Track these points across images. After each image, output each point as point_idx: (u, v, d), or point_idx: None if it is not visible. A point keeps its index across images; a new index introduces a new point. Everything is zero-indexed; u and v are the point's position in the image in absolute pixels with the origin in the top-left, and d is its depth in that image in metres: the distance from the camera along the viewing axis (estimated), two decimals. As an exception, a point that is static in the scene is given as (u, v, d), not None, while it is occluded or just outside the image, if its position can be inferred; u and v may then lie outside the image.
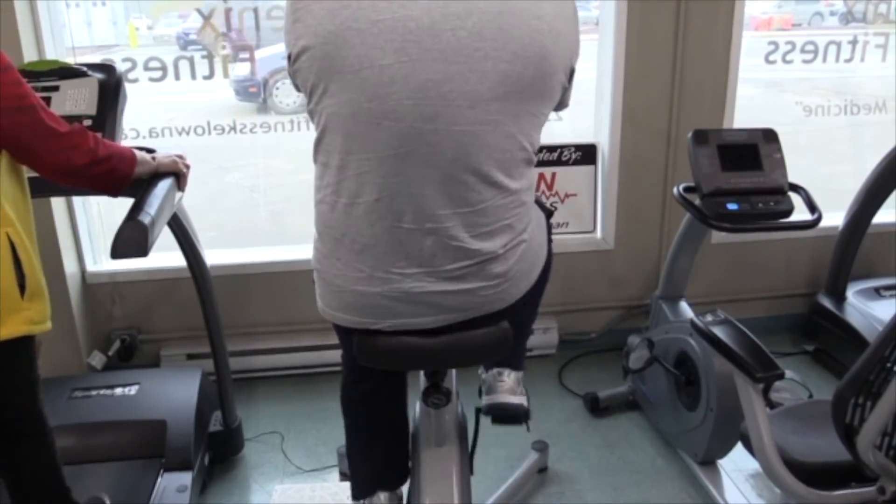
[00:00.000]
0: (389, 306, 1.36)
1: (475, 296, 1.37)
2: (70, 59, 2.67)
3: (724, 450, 2.31)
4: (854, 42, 3.24)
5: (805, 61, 3.22)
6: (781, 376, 1.64)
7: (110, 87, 1.98)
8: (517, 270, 1.40)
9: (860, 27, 3.29)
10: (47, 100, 1.90)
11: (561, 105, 1.44)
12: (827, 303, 3.09)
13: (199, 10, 2.84)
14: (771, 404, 2.16)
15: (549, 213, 1.63)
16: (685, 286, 2.63)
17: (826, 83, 3.37)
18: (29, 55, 2.51)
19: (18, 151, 1.49)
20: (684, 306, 2.60)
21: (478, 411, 1.78)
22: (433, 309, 1.37)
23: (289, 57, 1.32)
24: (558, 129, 3.03)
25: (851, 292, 3.08)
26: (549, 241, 1.62)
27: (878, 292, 3.08)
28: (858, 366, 1.45)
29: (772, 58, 3.21)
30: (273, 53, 2.95)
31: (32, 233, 1.60)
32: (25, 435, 1.66)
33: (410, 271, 1.33)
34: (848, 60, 3.25)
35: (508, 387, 1.75)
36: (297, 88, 1.35)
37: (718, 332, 1.68)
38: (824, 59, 3.22)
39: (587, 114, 3.08)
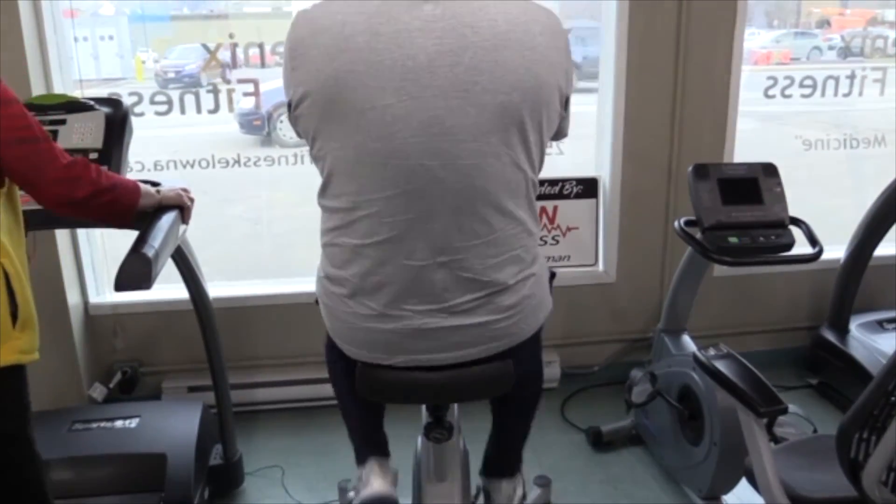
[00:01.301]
0: (401, 343, 1.37)
1: (486, 329, 1.37)
2: (77, 92, 2.72)
3: (729, 485, 2.29)
4: (852, 76, 3.28)
5: (804, 95, 3.25)
6: (785, 411, 1.63)
7: (117, 121, 2.01)
8: (526, 304, 1.40)
9: (858, 61, 3.33)
10: (54, 133, 1.92)
11: (559, 134, 1.46)
12: (830, 336, 3.08)
13: (204, 45, 2.88)
14: (775, 439, 2.14)
15: (552, 275, 1.63)
16: (687, 319, 2.62)
17: (825, 116, 3.40)
18: (37, 88, 2.54)
19: (21, 183, 1.51)
20: (687, 340, 2.59)
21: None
22: (445, 345, 1.37)
23: (289, 104, 1.33)
24: (560, 163, 3.05)
25: (854, 325, 3.07)
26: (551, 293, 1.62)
27: (881, 325, 3.07)
28: (862, 400, 1.44)
29: (771, 92, 3.24)
30: (277, 87, 2.98)
31: (25, 263, 1.60)
32: (14, 465, 1.64)
33: (422, 308, 1.34)
34: (846, 95, 3.28)
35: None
36: (299, 135, 1.36)
37: (721, 366, 1.67)
38: (823, 94, 3.25)
39: (588, 147, 3.11)
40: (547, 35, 1.31)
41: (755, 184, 2.24)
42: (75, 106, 2.02)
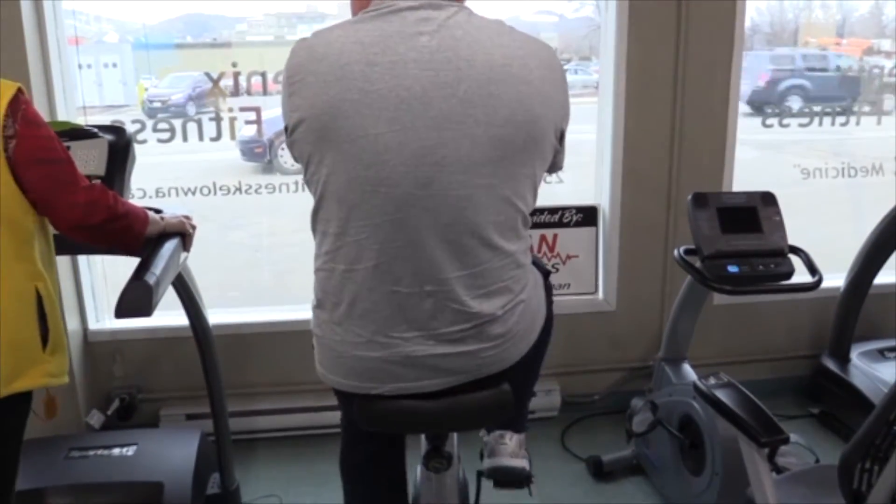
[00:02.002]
0: (390, 370, 1.36)
1: (475, 357, 1.37)
2: (81, 119, 2.74)
3: (731, 516, 2.27)
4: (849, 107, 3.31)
5: (801, 125, 3.28)
6: (786, 441, 1.62)
7: (120, 149, 2.02)
8: (516, 331, 1.40)
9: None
10: (58, 160, 1.93)
11: (554, 167, 1.47)
12: (831, 364, 3.07)
13: (207, 74, 2.91)
14: (777, 469, 2.12)
15: (546, 273, 1.63)
16: (688, 348, 2.62)
17: (823, 145, 3.43)
18: (40, 113, 2.56)
19: (41, 203, 1.53)
20: (687, 368, 2.58)
21: (479, 474, 1.75)
22: (434, 372, 1.37)
23: (286, 129, 1.35)
24: (559, 191, 3.07)
25: (855, 354, 3.07)
26: (549, 301, 1.63)
27: (882, 354, 3.07)
28: (864, 429, 1.43)
29: (768, 122, 3.27)
30: (279, 115, 3.01)
31: (58, 287, 1.64)
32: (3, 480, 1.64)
33: (410, 335, 1.34)
34: (844, 124, 3.31)
35: (510, 450, 1.73)
36: (295, 159, 1.38)
37: (722, 395, 1.67)
38: (820, 123, 3.28)
39: (587, 176, 3.12)
40: (543, 69, 1.33)
41: (754, 212, 2.25)
42: (79, 133, 2.03)
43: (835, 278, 2.97)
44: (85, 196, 1.54)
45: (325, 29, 1.33)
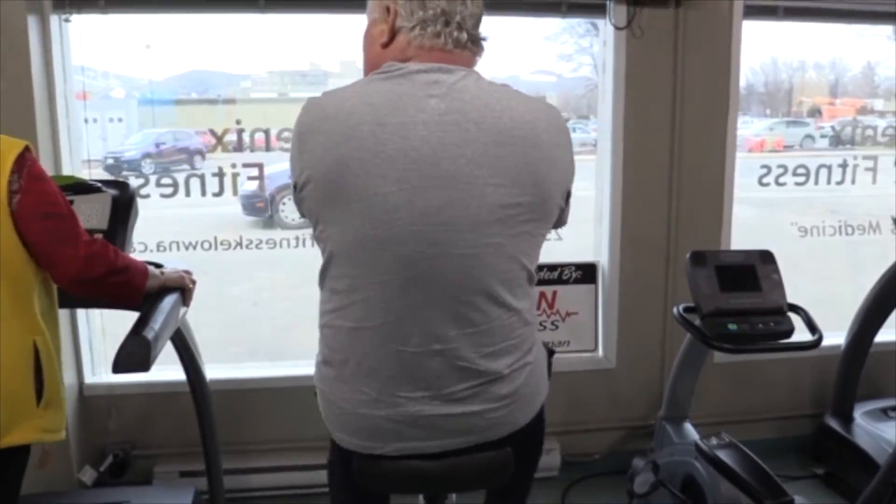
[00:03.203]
0: (395, 430, 1.35)
1: (481, 418, 1.36)
2: (85, 172, 2.77)
3: (735, 580, 2.21)
4: (844, 165, 3.35)
5: (798, 184, 3.32)
6: (791, 502, 1.60)
7: (123, 203, 2.04)
8: (523, 393, 1.39)
9: (849, 150, 3.41)
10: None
11: (559, 223, 1.48)
12: (834, 424, 3.03)
13: (211, 131, 2.95)
14: (782, 532, 2.08)
15: (550, 353, 1.63)
16: (689, 406, 2.59)
17: (820, 203, 3.46)
18: (46, 166, 2.55)
19: (43, 257, 1.54)
20: (689, 428, 2.55)
21: None
22: (440, 433, 1.35)
23: (294, 186, 1.36)
24: (558, 248, 3.08)
25: (859, 413, 3.04)
26: (549, 377, 1.61)
27: (885, 413, 3.03)
28: (869, 491, 1.42)
29: (765, 180, 3.31)
30: (281, 170, 3.05)
31: (59, 345, 1.64)
32: None
33: (416, 395, 1.33)
34: (839, 183, 3.35)
35: None
36: (303, 215, 1.39)
37: (724, 455, 1.66)
38: (816, 182, 3.32)
39: (587, 233, 3.15)
40: (551, 133, 1.35)
41: (753, 271, 2.26)
42: (83, 188, 2.05)
43: (835, 336, 2.96)
44: (86, 250, 1.55)
45: (335, 89, 1.36)
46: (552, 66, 3.44)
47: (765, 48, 3.53)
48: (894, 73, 3.52)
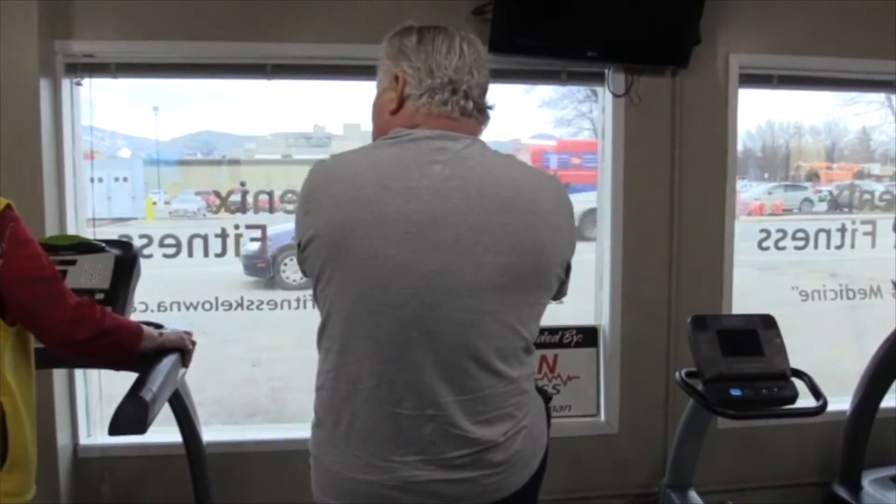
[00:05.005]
0: (388, 495, 1.32)
1: (476, 485, 1.34)
2: (89, 231, 2.80)
3: None
4: (843, 229, 3.37)
5: (797, 248, 3.33)
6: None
7: (126, 263, 2.05)
8: (518, 458, 1.38)
9: (847, 214, 3.43)
10: (64, 273, 1.96)
11: (559, 295, 1.48)
12: (842, 492, 2.97)
13: (216, 192, 2.99)
14: None
15: (547, 398, 1.61)
16: (693, 474, 2.55)
17: (820, 266, 3.46)
18: (51, 226, 2.62)
19: (26, 320, 1.52)
20: (694, 496, 2.51)
21: None
22: (433, 498, 1.33)
23: (298, 244, 1.37)
24: (559, 311, 3.07)
25: (867, 481, 2.97)
26: (548, 426, 1.60)
27: (894, 481, 2.97)
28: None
29: (765, 244, 3.32)
30: (283, 231, 3.07)
31: (31, 402, 1.58)
32: None
33: (410, 459, 1.31)
34: (839, 247, 3.36)
35: None
36: (305, 273, 1.40)
37: (731, 526, 1.61)
38: (815, 246, 3.33)
39: (588, 296, 3.14)
40: (552, 203, 1.37)
41: (755, 335, 2.25)
42: (86, 247, 2.07)
43: (840, 402, 2.93)
44: (72, 313, 1.52)
45: (343, 153, 1.38)
46: (552, 130, 3.50)
47: (761, 113, 3.60)
48: (889, 138, 3.58)
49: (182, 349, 1.87)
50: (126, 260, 2.06)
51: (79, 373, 2.78)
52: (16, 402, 1.50)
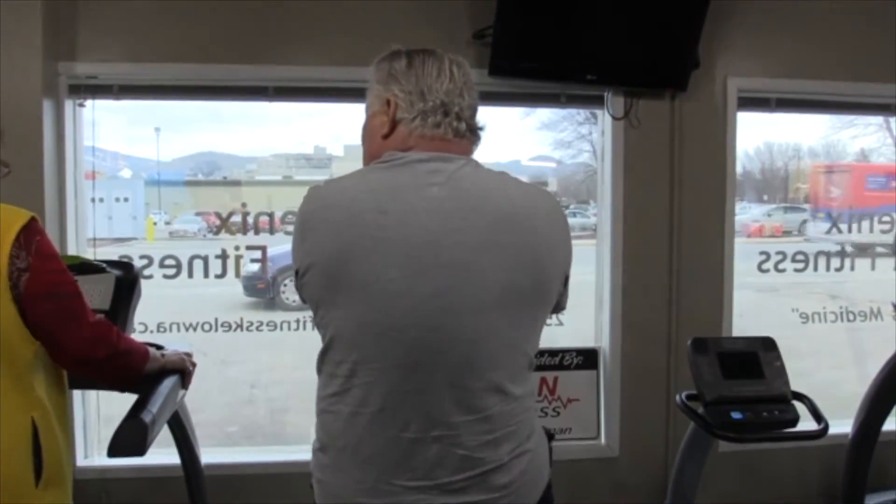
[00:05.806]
0: None
1: None
2: (90, 251, 2.80)
3: None
4: (842, 252, 3.37)
5: (797, 270, 3.33)
6: None
7: (126, 284, 2.05)
8: (521, 483, 1.37)
9: (846, 236, 3.44)
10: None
11: (558, 308, 1.48)
12: (845, 517, 2.94)
13: (217, 213, 2.99)
14: None
15: (550, 437, 1.60)
16: (694, 497, 2.53)
17: (820, 288, 3.46)
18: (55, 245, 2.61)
19: (45, 336, 1.49)
20: (695, 519, 2.49)
21: None
22: None
23: (297, 272, 1.37)
24: (559, 333, 3.07)
25: (871, 505, 2.95)
26: (550, 464, 1.59)
27: (898, 505, 2.96)
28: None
29: (764, 266, 3.33)
30: (283, 251, 3.07)
31: (65, 418, 1.57)
32: None
33: (413, 484, 1.30)
34: (838, 269, 3.37)
35: None
36: (304, 301, 1.39)
37: (733, 551, 1.60)
38: (815, 269, 3.34)
39: (588, 318, 3.14)
40: (548, 218, 1.38)
41: (755, 358, 2.25)
42: (87, 268, 2.06)
43: (842, 425, 2.91)
44: (91, 332, 1.52)
45: (338, 177, 1.39)
46: (552, 152, 3.52)
47: (760, 135, 3.62)
48: (887, 160, 3.60)
49: (182, 370, 1.87)
50: (127, 281, 2.05)
51: (77, 394, 2.77)
52: (48, 417, 1.49)
